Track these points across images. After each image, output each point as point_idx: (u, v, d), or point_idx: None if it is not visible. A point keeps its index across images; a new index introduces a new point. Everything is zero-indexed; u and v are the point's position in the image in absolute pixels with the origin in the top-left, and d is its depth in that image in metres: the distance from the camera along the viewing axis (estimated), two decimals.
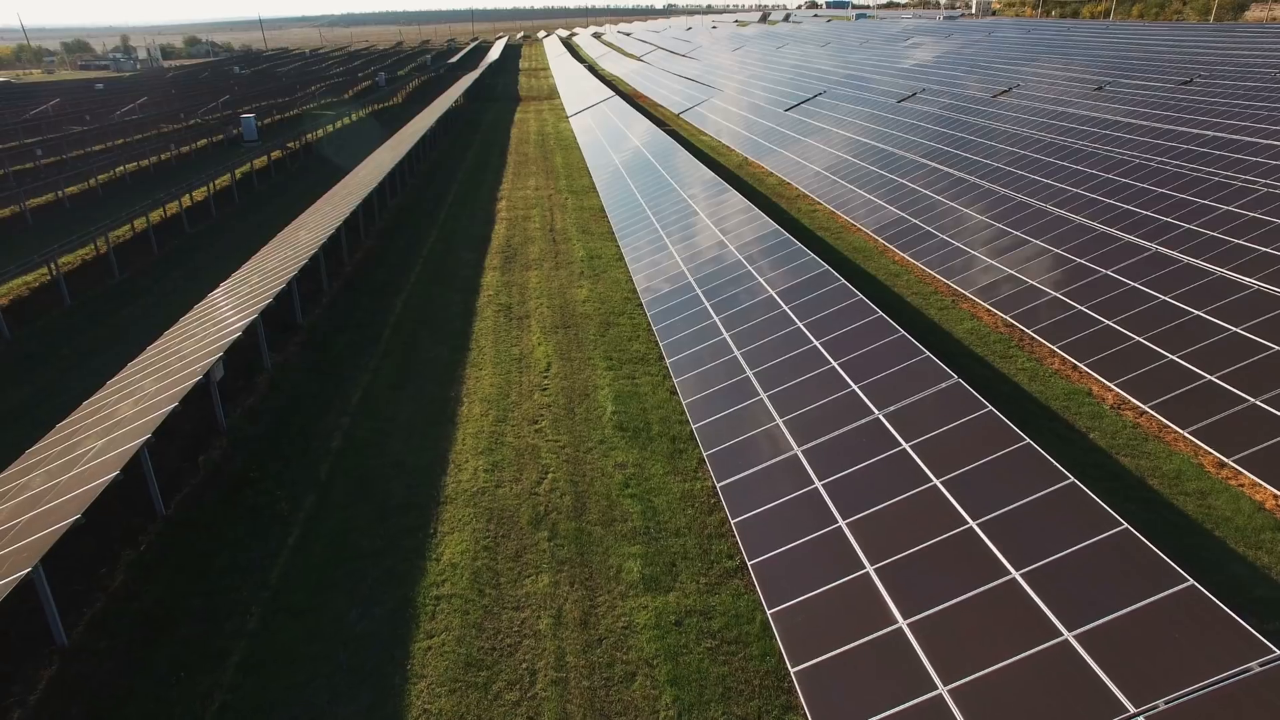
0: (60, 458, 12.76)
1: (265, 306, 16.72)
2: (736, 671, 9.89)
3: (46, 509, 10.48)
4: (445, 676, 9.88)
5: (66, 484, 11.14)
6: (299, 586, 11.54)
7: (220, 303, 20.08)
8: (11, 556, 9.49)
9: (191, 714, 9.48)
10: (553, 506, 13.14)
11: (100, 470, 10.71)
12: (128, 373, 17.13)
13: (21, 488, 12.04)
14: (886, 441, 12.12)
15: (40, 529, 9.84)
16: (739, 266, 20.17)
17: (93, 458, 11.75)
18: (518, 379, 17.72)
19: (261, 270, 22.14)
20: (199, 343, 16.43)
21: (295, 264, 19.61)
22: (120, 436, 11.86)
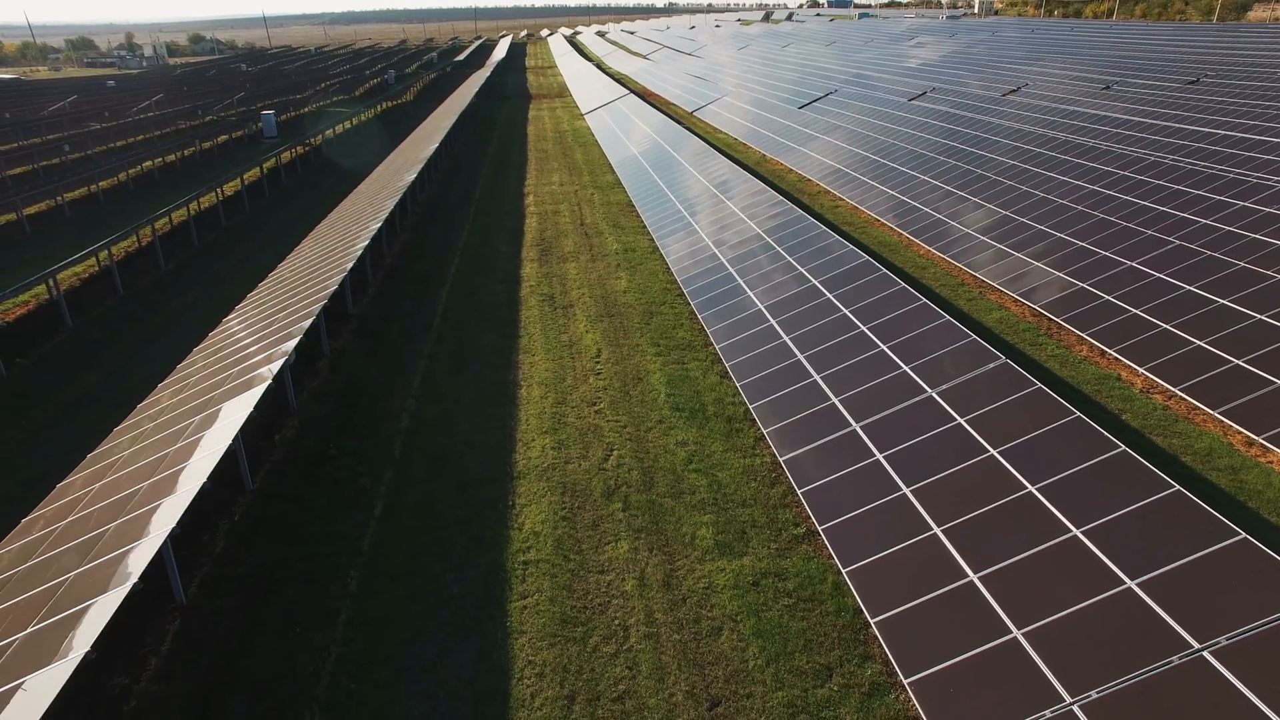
0: (159, 432, 13.47)
1: (331, 293, 17.46)
2: (814, 626, 10.66)
3: (166, 475, 11.20)
4: (544, 632, 10.63)
5: (177, 454, 11.86)
6: (392, 553, 12.28)
7: (272, 295, 20.77)
8: (145, 518, 10.20)
9: (312, 664, 10.22)
10: (622, 480, 13.90)
11: (215, 441, 11.43)
12: (197, 359, 17.84)
13: (130, 458, 12.74)
14: (941, 417, 12.90)
15: (167, 493, 10.56)
16: (778, 258, 20.92)
17: (197, 430, 12.47)
18: (570, 364, 18.46)
19: (308, 263, 22.85)
20: (267, 328, 17.14)
21: (349, 258, 20.33)
22: (226, 410, 12.57)
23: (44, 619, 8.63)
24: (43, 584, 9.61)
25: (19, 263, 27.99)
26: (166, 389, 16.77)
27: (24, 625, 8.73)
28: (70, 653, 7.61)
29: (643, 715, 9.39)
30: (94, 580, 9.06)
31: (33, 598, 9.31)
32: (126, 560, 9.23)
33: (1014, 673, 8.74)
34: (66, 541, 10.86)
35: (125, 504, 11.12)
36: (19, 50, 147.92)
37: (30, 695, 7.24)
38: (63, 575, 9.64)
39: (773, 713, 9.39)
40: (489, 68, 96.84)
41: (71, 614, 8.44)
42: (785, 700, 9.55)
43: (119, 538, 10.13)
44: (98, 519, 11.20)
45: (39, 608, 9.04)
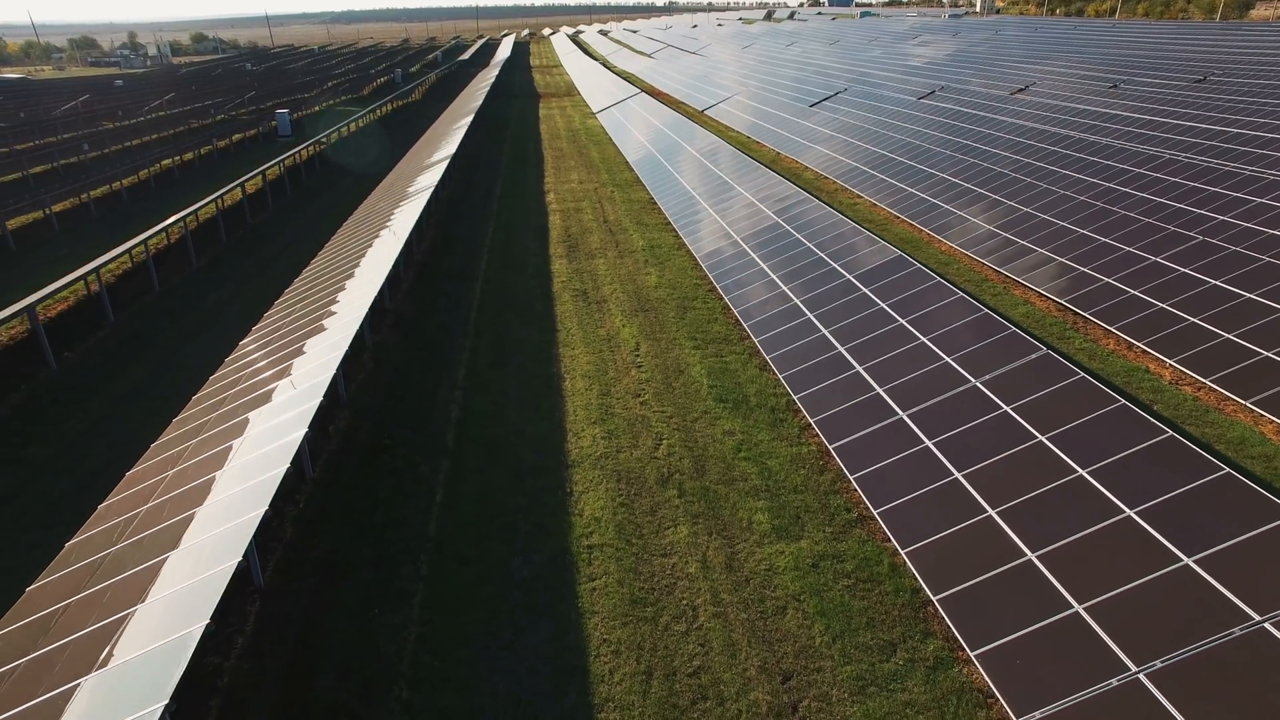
0: (223, 422, 13.84)
1: (377, 292, 17.82)
2: (875, 604, 11.06)
3: (244, 462, 11.57)
4: (615, 612, 11.03)
5: (250, 442, 12.23)
6: (458, 538, 12.67)
7: (313, 290, 21.12)
8: (230, 503, 10.57)
9: (395, 643, 10.61)
10: (674, 468, 14.29)
11: (290, 426, 11.80)
12: (248, 353, 18.19)
13: (199, 447, 13.11)
14: (987, 405, 13.30)
15: (250, 478, 10.93)
16: (809, 254, 21.32)
17: (267, 419, 12.84)
18: (611, 357, 18.85)
19: (345, 259, 23.19)
20: (316, 324, 17.50)
21: (388, 257, 20.66)
22: (295, 397, 12.94)
23: (154, 595, 9.00)
24: (142, 564, 9.98)
25: (51, 260, 28.31)
26: (219, 381, 17.13)
27: (135, 601, 9.10)
28: (192, 624, 7.99)
29: (719, 689, 9.79)
30: (196, 559, 9.43)
31: (136, 575, 9.68)
32: (222, 542, 9.60)
33: (1078, 645, 9.15)
34: (151, 526, 11.23)
35: (204, 490, 11.49)
36: (22, 49, 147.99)
37: (161, 664, 7.62)
38: (160, 555, 10.01)
39: (843, 685, 9.80)
40: (495, 67, 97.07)
41: (184, 589, 8.82)
42: (854, 674, 9.95)
43: (207, 522, 10.51)
44: (176, 505, 11.56)
45: (145, 585, 9.41)
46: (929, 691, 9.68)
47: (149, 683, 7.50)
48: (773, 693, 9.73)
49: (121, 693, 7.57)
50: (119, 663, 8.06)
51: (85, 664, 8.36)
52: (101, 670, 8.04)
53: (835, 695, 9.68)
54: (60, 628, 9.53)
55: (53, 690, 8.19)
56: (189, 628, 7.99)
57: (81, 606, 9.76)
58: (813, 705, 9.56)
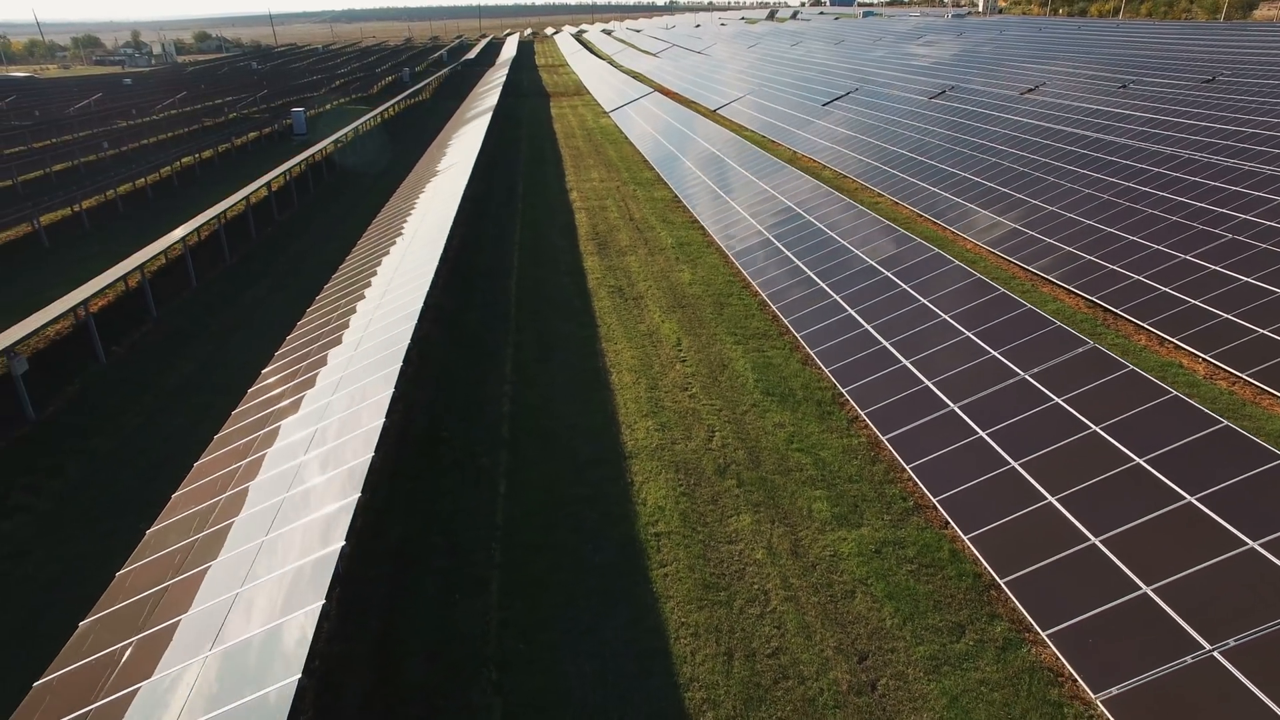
0: (289, 414, 14.15)
1: (426, 293, 18.13)
2: (940, 588, 11.41)
3: (324, 450, 11.89)
4: (690, 596, 11.37)
5: (325, 431, 12.54)
6: (526, 527, 12.99)
7: (353, 287, 21.42)
8: (320, 489, 10.89)
9: (479, 627, 10.94)
10: (730, 459, 14.63)
11: (369, 414, 12.12)
12: (297, 349, 18.49)
13: (268, 437, 13.42)
14: (1038, 397, 13.65)
15: (335, 466, 11.25)
16: (844, 251, 21.67)
17: (349, 404, 13.15)
18: (654, 352, 19.18)
19: (375, 257, 23.49)
20: (366, 320, 17.81)
21: (431, 260, 20.88)
22: (366, 388, 13.25)
23: (258, 578, 9.32)
24: (235, 549, 10.29)
25: (85, 256, 28.59)
26: (273, 376, 17.44)
27: (237, 584, 9.42)
28: (309, 603, 8.31)
29: (799, 668, 10.13)
30: (290, 545, 9.74)
31: (233, 559, 10.00)
32: (318, 527, 9.91)
33: (1149, 624, 9.50)
34: (234, 513, 11.54)
35: (286, 480, 11.81)
36: (26, 48, 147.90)
37: (285, 639, 7.94)
38: (253, 540, 10.33)
39: (918, 664, 10.14)
40: (503, 65, 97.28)
41: (289, 571, 9.13)
42: (927, 654, 10.30)
43: (295, 509, 10.82)
44: (258, 493, 11.88)
45: (244, 569, 9.73)
46: (1001, 670, 10.03)
47: (277, 656, 7.82)
48: (851, 672, 10.08)
49: (250, 666, 7.89)
50: (240, 639, 8.38)
51: (203, 641, 8.68)
52: (224, 645, 8.36)
53: (911, 674, 10.03)
54: (164, 610, 9.84)
55: (173, 666, 8.51)
56: (306, 606, 8.32)
57: (181, 590, 10.07)
58: (891, 683, 9.91)
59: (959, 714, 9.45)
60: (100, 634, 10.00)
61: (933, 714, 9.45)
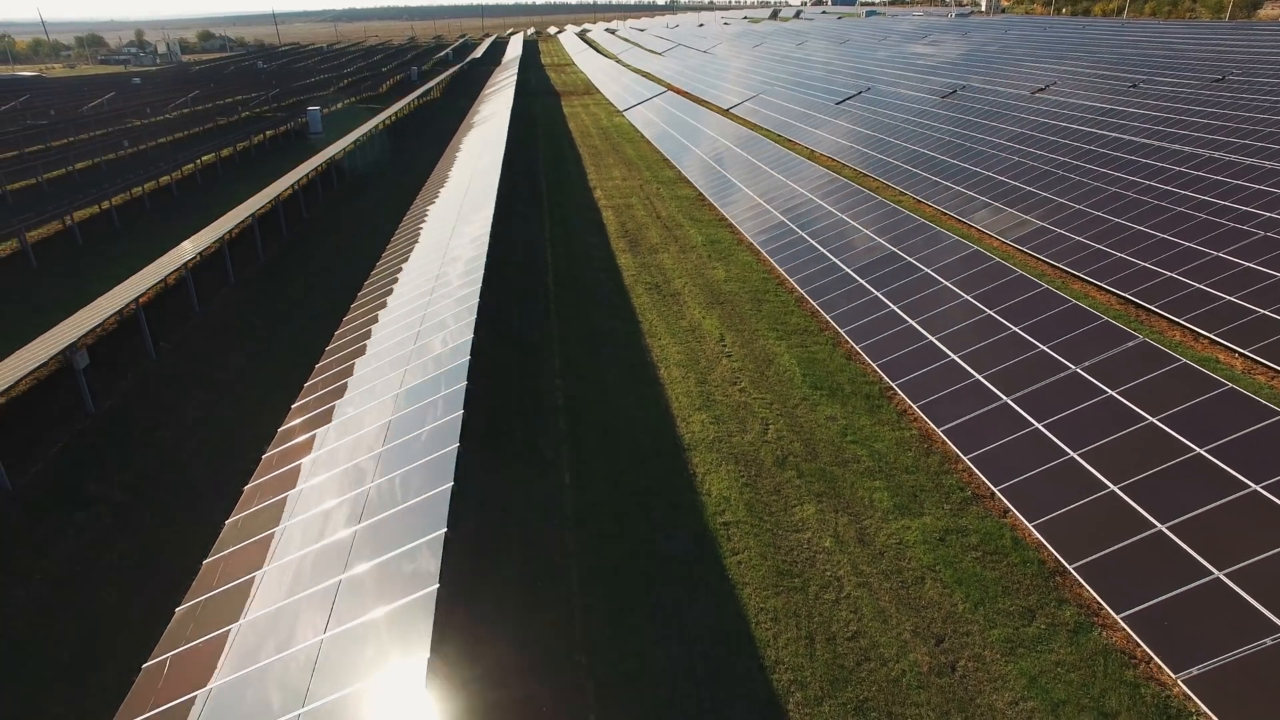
0: (357, 406, 14.45)
1: (479, 296, 18.43)
2: (1006, 575, 11.74)
3: (404, 441, 12.18)
4: (765, 583, 11.68)
5: (403, 422, 12.84)
6: (598, 517, 13.30)
7: (403, 285, 21.70)
8: (409, 479, 11.19)
9: (565, 614, 11.24)
10: (787, 451, 14.95)
11: (447, 407, 12.42)
12: (347, 345, 18.78)
13: (343, 428, 13.71)
14: (1091, 390, 13.98)
15: (420, 457, 11.55)
16: (881, 249, 21.99)
17: (407, 404, 13.44)
18: (698, 348, 19.49)
19: (404, 257, 23.77)
20: (420, 318, 18.10)
21: (477, 265, 21.19)
22: (434, 380, 13.55)
23: (360, 565, 9.61)
24: (328, 537, 10.58)
25: (119, 253, 28.83)
26: (327, 371, 17.72)
27: (337, 571, 9.71)
28: (428, 585, 8.61)
29: (879, 651, 10.46)
30: (380, 533, 10.03)
31: (329, 548, 10.29)
32: (415, 514, 10.21)
33: (1223, 607, 9.83)
34: (318, 504, 11.83)
35: (371, 468, 12.11)
36: (30, 47, 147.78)
37: (408, 619, 8.24)
38: (346, 529, 10.62)
39: (994, 647, 10.47)
40: (512, 64, 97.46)
41: (390, 559, 9.43)
42: (1001, 637, 10.63)
43: (384, 498, 11.11)
44: (338, 484, 12.17)
45: (341, 557, 10.02)
46: (1075, 652, 10.36)
47: (397, 640, 8.12)
48: (930, 654, 10.40)
49: (369, 651, 8.18)
50: (356, 622, 8.67)
51: (316, 624, 8.97)
52: (341, 628, 8.65)
53: (988, 656, 10.36)
54: (265, 596, 10.13)
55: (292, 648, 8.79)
56: (423, 589, 8.61)
57: (281, 576, 10.37)
58: (969, 665, 10.24)
59: (1039, 693, 9.78)
60: (201, 618, 10.29)
61: (1013, 694, 9.78)
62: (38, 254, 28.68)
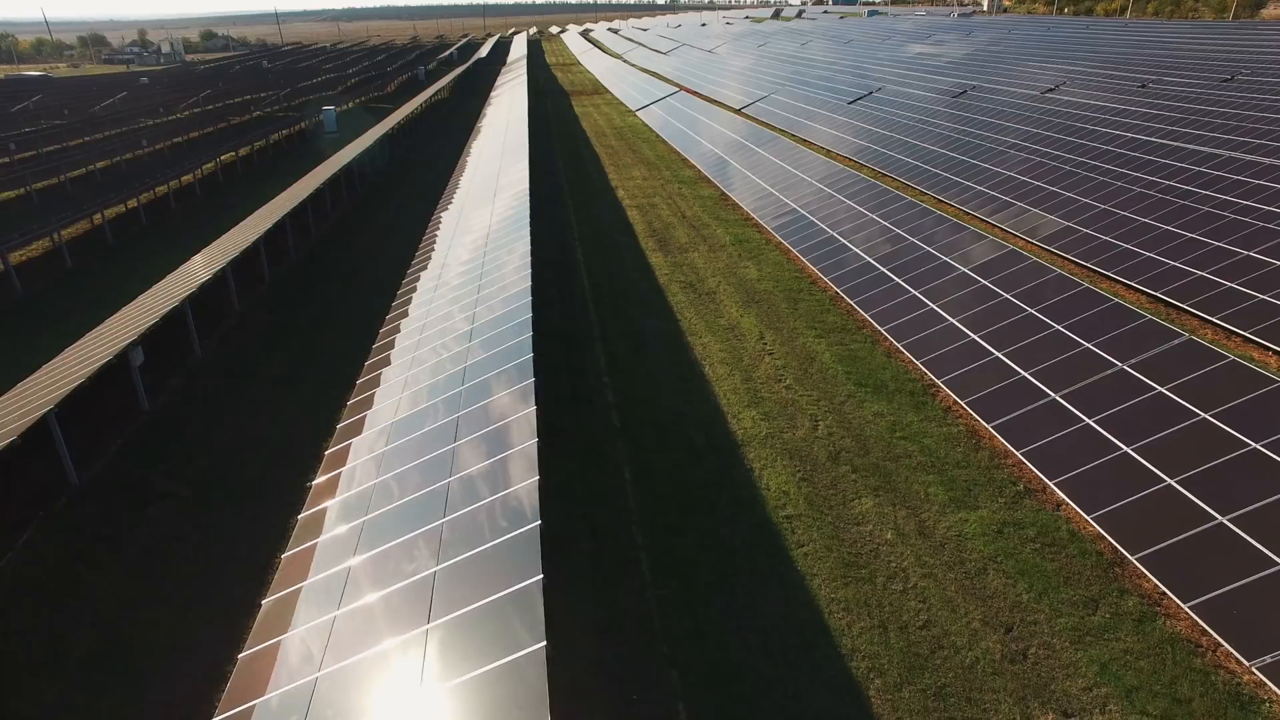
0: (419, 401, 14.71)
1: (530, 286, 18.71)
2: (1066, 566, 12.05)
3: (479, 434, 12.45)
4: (833, 574, 11.98)
5: (470, 419, 13.11)
6: (663, 511, 13.59)
7: (450, 284, 21.96)
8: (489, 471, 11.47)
9: (638, 605, 11.52)
10: (839, 447, 15.25)
11: (515, 402, 12.69)
12: (400, 342, 19.04)
13: (411, 422, 13.98)
14: (1140, 387, 14.29)
15: (499, 451, 11.82)
16: (916, 248, 22.29)
17: (471, 401, 13.71)
18: (740, 346, 19.78)
19: (442, 256, 24.03)
20: (472, 317, 18.37)
21: (525, 252, 21.51)
22: (502, 377, 13.83)
23: (453, 557, 9.88)
24: (413, 531, 10.85)
25: (148, 253, 29.06)
26: (378, 369, 17.99)
27: (430, 563, 9.99)
28: (530, 575, 8.88)
29: (951, 639, 10.76)
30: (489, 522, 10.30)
31: (417, 539, 10.56)
32: (506, 506, 10.48)
33: None
34: (395, 499, 12.10)
35: (441, 466, 12.38)
36: (33, 46, 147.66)
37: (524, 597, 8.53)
38: (430, 523, 10.89)
39: (1062, 635, 10.78)
40: (519, 63, 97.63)
41: (488, 549, 9.70)
42: (1068, 626, 10.93)
43: (465, 492, 11.39)
44: (415, 479, 12.44)
45: (432, 550, 10.29)
46: (1142, 641, 10.66)
47: (513, 629, 8.39)
48: (1001, 642, 10.71)
49: (478, 638, 8.45)
50: (461, 611, 8.94)
51: (417, 616, 9.23)
52: (446, 617, 8.92)
53: (1057, 644, 10.66)
54: (356, 587, 10.40)
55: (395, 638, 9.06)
56: (527, 579, 8.89)
57: (370, 568, 10.64)
58: (1040, 652, 10.54)
59: (1111, 680, 10.09)
60: (289, 610, 10.56)
61: (1086, 680, 10.09)
62: (71, 253, 28.89)
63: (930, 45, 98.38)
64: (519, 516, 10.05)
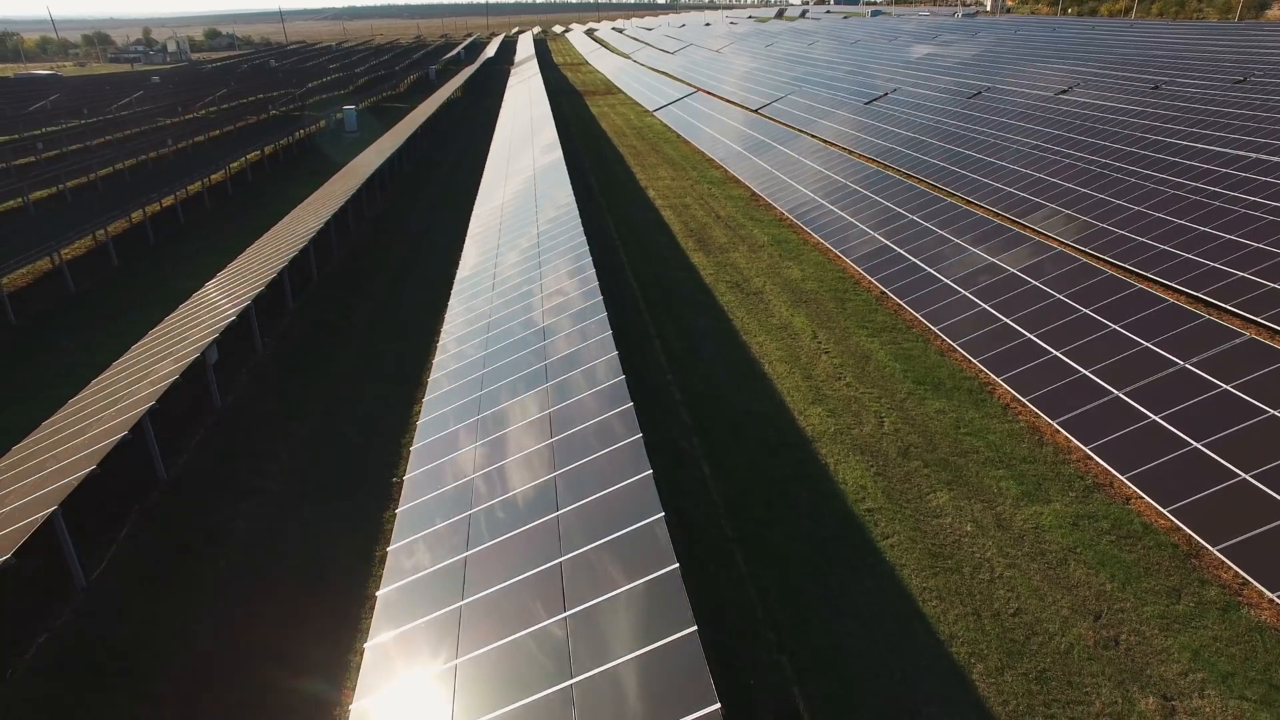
0: (499, 401, 15.10)
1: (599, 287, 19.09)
2: (1144, 557, 12.48)
3: (580, 430, 12.84)
4: (921, 564, 12.40)
5: (567, 412, 13.50)
6: (746, 504, 13.99)
7: (500, 281, 22.32)
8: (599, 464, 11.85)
9: (740, 596, 11.92)
10: (907, 443, 15.67)
11: (612, 399, 13.08)
12: (462, 345, 19.40)
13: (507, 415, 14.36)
14: (1204, 384, 14.73)
15: (609, 445, 12.21)
16: (961, 249, 22.72)
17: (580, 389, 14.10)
18: (794, 345, 20.19)
19: (490, 256, 24.39)
20: (548, 314, 18.75)
21: (585, 261, 21.92)
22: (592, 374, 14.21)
23: (581, 546, 10.26)
24: (533, 521, 11.23)
25: (192, 252, 29.39)
26: (443, 370, 18.35)
27: (556, 552, 10.38)
28: (667, 564, 9.27)
29: (1044, 625, 11.18)
30: (605, 514, 10.68)
31: (541, 528, 10.94)
32: (632, 496, 10.87)
33: None
34: (506, 489, 12.48)
35: (544, 459, 12.76)
36: (38, 45, 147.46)
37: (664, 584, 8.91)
38: (545, 514, 11.27)
39: (1150, 623, 11.20)
40: (528, 63, 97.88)
41: (612, 540, 10.09)
42: (1155, 614, 11.36)
43: (580, 487, 11.77)
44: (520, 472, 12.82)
45: (550, 538, 10.68)
46: (1228, 629, 11.10)
47: (654, 613, 8.78)
48: (1092, 629, 11.13)
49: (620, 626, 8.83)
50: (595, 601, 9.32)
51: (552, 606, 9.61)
52: (580, 606, 9.29)
53: (1147, 631, 11.09)
54: (480, 578, 10.76)
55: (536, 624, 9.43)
56: (662, 568, 9.27)
57: (488, 560, 11.01)
58: (1131, 639, 10.97)
59: (1205, 665, 10.52)
60: (408, 603, 10.91)
61: (1180, 666, 10.51)
62: (118, 251, 29.18)
63: (937, 46, 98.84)
64: (641, 508, 10.43)
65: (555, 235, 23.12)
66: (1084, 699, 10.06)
